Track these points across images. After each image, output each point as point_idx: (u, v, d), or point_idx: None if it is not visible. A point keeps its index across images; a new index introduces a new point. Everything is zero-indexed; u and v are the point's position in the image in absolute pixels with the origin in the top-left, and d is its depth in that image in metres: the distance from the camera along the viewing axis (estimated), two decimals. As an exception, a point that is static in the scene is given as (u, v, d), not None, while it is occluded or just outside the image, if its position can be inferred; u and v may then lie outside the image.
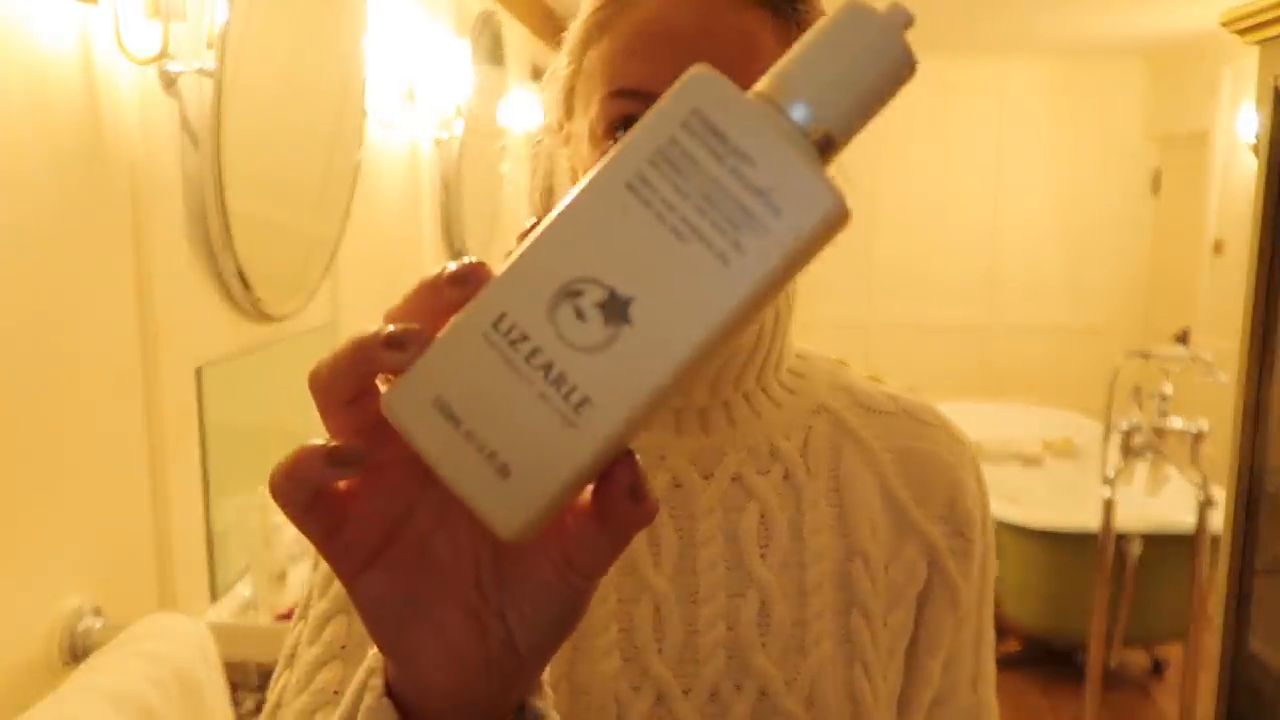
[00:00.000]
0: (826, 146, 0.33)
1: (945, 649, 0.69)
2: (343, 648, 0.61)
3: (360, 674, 0.40)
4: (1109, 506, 2.74)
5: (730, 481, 0.66)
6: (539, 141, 0.72)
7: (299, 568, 1.75)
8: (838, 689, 0.63)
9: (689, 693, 0.62)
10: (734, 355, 0.66)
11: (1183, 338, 4.68)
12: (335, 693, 0.59)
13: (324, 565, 0.64)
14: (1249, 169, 1.85)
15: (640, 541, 0.64)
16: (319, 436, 0.34)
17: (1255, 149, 1.64)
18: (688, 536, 0.65)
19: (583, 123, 0.63)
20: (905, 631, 0.67)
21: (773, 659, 0.63)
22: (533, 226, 0.33)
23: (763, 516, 0.65)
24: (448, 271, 0.34)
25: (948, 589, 0.68)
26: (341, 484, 0.35)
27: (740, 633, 0.63)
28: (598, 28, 0.62)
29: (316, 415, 0.34)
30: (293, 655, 0.63)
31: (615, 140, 0.60)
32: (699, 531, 0.65)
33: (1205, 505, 2.61)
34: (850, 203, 0.31)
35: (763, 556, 0.64)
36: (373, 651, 0.40)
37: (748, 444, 0.67)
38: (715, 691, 0.62)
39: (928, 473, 0.69)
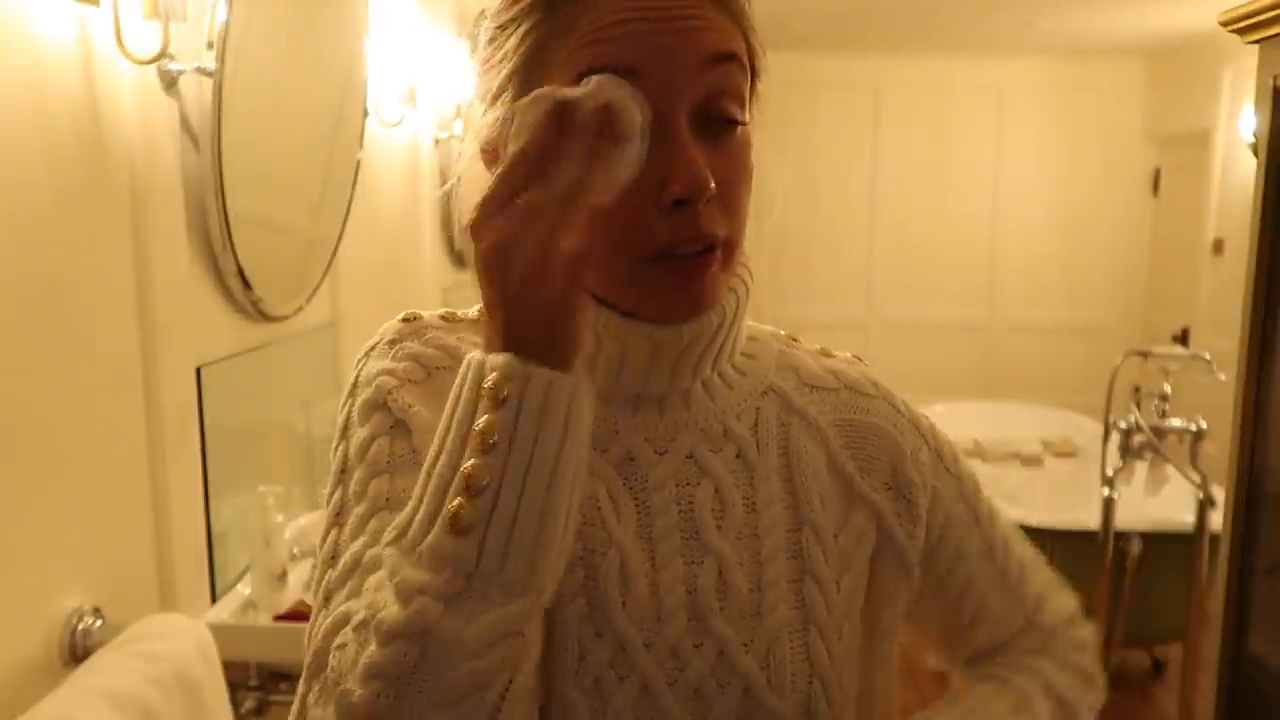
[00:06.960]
0: None
1: (901, 601, 0.75)
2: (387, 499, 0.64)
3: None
4: (1108, 506, 2.74)
5: (684, 459, 0.70)
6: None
7: (299, 567, 1.74)
8: (795, 650, 0.67)
9: (650, 647, 0.65)
10: (694, 344, 0.68)
11: (1182, 337, 4.68)
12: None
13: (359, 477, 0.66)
14: (1248, 169, 1.84)
15: (603, 499, 0.67)
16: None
17: (1255, 149, 1.63)
18: (643, 506, 0.68)
19: None
20: (858, 593, 0.72)
21: (731, 622, 0.67)
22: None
23: (717, 491, 0.69)
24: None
25: (895, 550, 0.74)
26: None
27: (699, 598, 0.67)
28: (540, 45, 0.65)
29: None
30: (333, 552, 0.64)
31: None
32: (654, 503, 0.68)
33: (1205, 505, 2.61)
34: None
35: (719, 528, 0.68)
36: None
37: (701, 425, 0.71)
38: (675, 649, 0.66)
39: (870, 443, 0.75)
